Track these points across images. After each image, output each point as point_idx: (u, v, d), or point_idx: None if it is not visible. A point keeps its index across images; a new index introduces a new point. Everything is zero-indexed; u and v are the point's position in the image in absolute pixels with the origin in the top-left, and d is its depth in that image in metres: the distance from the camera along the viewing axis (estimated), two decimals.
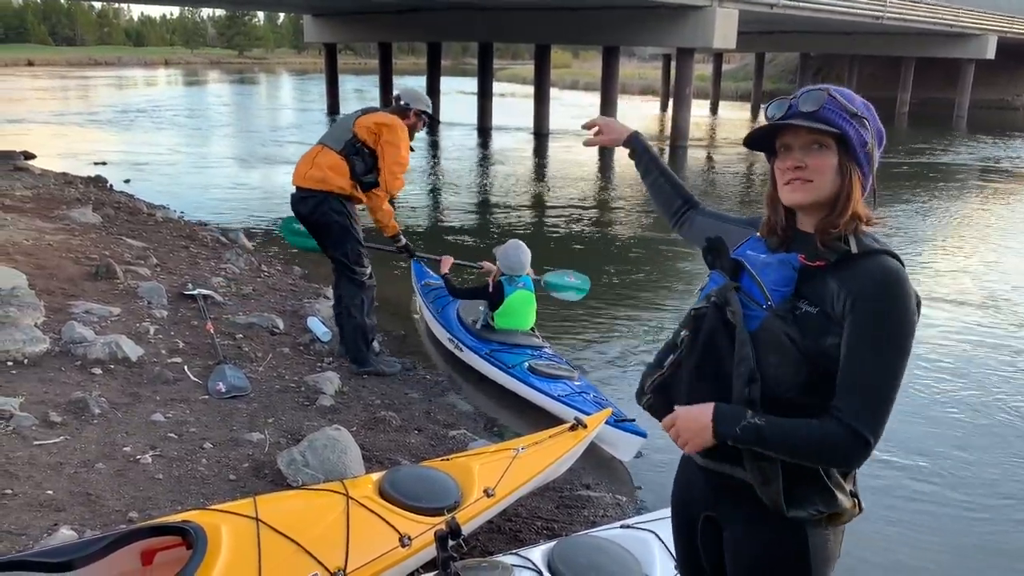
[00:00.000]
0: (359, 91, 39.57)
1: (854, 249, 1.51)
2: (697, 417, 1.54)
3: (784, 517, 1.55)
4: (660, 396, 1.70)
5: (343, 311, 4.96)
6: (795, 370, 1.50)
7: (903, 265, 1.52)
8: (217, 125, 23.50)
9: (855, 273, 1.50)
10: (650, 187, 2.11)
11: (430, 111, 5.12)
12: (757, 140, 1.64)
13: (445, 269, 5.53)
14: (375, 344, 5.28)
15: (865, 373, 1.46)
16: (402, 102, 5.00)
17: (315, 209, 4.81)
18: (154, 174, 13.81)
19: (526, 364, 4.92)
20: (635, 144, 2.11)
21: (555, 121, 23.52)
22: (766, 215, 1.68)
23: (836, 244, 1.53)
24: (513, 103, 32.44)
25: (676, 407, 1.59)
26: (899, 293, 1.47)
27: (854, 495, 1.61)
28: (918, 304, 1.50)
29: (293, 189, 4.95)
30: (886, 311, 1.46)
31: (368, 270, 5.01)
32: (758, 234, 1.70)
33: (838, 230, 1.54)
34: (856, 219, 1.54)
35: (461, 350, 5.45)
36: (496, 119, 24.59)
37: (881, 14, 24.42)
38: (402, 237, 5.39)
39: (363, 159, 4.79)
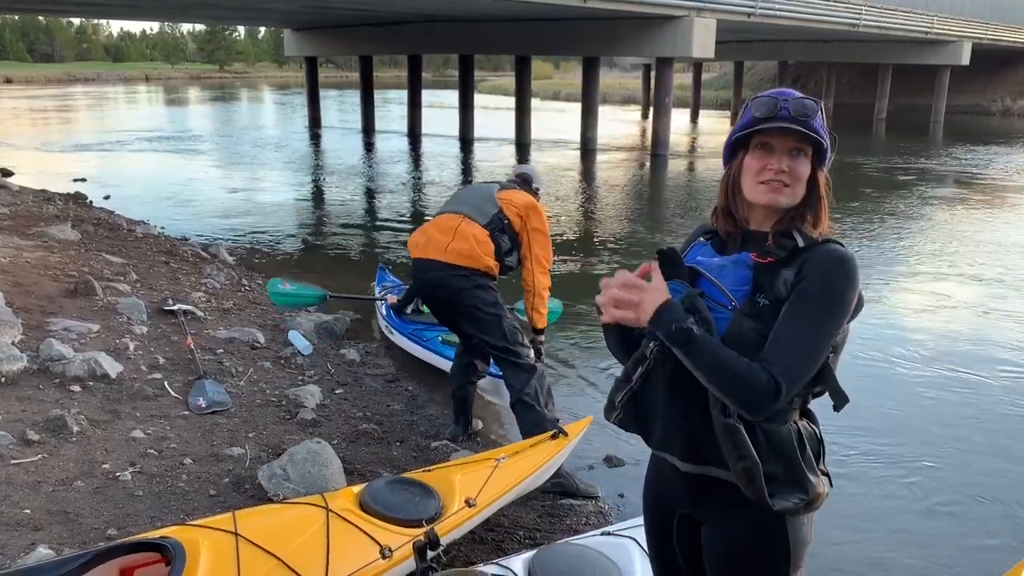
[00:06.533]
0: (342, 104, 39.58)
1: (800, 243, 1.59)
2: (657, 297, 1.51)
3: (767, 509, 1.56)
4: (631, 410, 1.72)
5: (517, 402, 4.06)
6: None
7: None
8: (198, 141, 23.39)
9: (806, 260, 1.57)
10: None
11: None
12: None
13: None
14: None
15: (793, 329, 1.52)
16: (533, 185, 4.39)
17: (461, 289, 4.03)
18: (134, 190, 13.71)
19: (439, 338, 5.42)
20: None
21: (536, 131, 23.64)
22: (722, 207, 1.69)
23: (783, 241, 1.60)
24: (495, 115, 32.47)
25: (651, 281, 1.54)
26: (842, 266, 1.55)
27: (825, 474, 1.64)
28: (861, 299, 1.58)
29: (414, 260, 4.20)
30: (826, 279, 1.54)
31: (531, 351, 4.18)
32: (702, 239, 1.74)
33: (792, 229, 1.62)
34: (818, 222, 1.63)
35: (392, 333, 5.90)
36: (477, 130, 24.66)
37: (857, 22, 24.74)
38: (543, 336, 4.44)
39: (509, 239, 4.13)
